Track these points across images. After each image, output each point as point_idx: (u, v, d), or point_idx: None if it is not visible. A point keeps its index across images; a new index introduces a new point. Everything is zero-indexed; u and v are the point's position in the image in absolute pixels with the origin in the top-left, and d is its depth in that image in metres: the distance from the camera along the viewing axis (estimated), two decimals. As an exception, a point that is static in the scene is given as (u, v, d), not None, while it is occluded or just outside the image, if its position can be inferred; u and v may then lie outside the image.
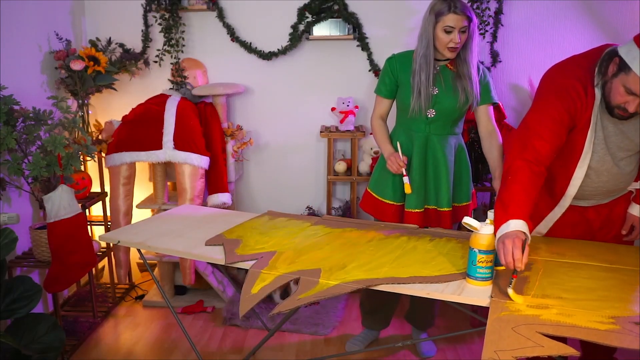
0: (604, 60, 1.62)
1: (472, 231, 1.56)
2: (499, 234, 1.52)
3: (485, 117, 2.23)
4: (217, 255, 1.78)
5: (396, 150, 2.20)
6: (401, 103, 2.24)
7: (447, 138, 2.21)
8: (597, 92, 1.66)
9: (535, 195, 1.62)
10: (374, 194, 2.32)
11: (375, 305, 2.45)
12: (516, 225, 1.51)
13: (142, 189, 3.25)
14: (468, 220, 1.54)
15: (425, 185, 2.22)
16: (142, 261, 2.48)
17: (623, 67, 1.52)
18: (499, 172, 2.17)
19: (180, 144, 2.76)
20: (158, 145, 2.75)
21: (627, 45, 1.53)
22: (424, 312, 2.48)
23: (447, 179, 2.20)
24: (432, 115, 2.16)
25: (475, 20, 2.08)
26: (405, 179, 2.16)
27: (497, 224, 1.54)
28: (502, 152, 2.19)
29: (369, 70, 3.14)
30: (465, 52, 2.12)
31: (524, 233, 1.50)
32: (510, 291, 1.45)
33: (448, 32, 2.04)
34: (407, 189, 2.16)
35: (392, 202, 2.26)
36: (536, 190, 1.63)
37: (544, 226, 1.95)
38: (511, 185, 1.61)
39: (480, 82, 2.17)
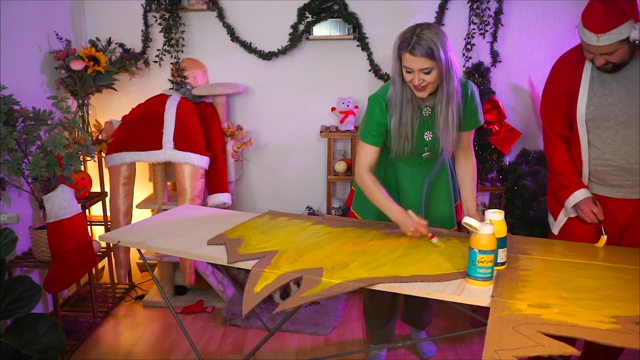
0: None
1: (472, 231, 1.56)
2: (569, 206, 1.94)
3: (466, 140, 2.03)
4: (218, 254, 1.78)
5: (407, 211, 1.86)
6: (387, 145, 2.00)
7: (441, 160, 2.10)
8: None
9: (569, 161, 1.97)
10: (358, 216, 2.18)
11: (380, 314, 2.35)
12: (575, 196, 1.92)
13: (142, 189, 3.25)
14: (468, 220, 1.54)
15: (428, 216, 2.10)
16: (142, 261, 2.48)
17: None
18: (471, 202, 2.03)
19: (180, 144, 2.76)
20: (158, 145, 2.75)
21: None
22: (419, 310, 2.47)
23: (449, 202, 2.13)
24: (426, 156, 2.00)
25: (446, 57, 1.73)
26: (435, 240, 1.82)
27: (562, 199, 1.97)
28: (473, 172, 2.06)
29: (369, 70, 3.14)
30: (441, 95, 1.82)
31: (591, 198, 1.91)
32: (604, 236, 1.86)
33: (409, 72, 1.77)
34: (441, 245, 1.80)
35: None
36: (567, 157, 1.97)
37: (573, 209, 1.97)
38: (552, 162, 2.00)
39: (468, 107, 1.93)
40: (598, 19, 1.68)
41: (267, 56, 3.15)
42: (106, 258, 3.03)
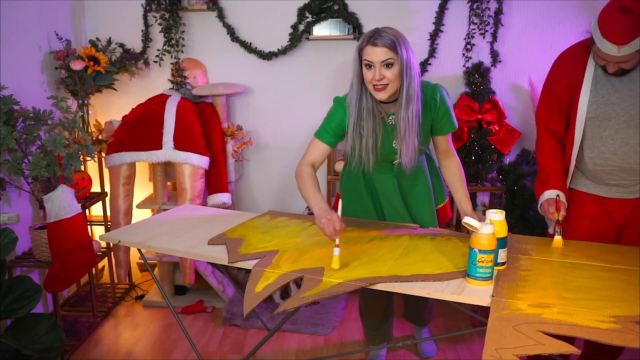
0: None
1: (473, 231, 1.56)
2: (539, 204, 1.98)
3: (445, 144, 2.01)
4: (219, 254, 1.78)
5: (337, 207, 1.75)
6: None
7: (418, 162, 2.02)
8: (591, 56, 1.85)
9: (553, 159, 1.96)
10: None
11: (375, 315, 2.35)
12: (543, 196, 1.94)
13: (142, 189, 3.25)
14: (468, 220, 1.54)
15: (411, 217, 2.08)
16: (142, 261, 2.48)
17: (593, 38, 1.77)
18: (466, 203, 2.00)
19: (180, 144, 2.76)
20: (158, 145, 2.75)
21: (594, 20, 1.78)
22: (418, 307, 2.45)
23: (430, 203, 2.09)
24: (397, 162, 1.93)
25: (407, 55, 1.73)
26: (336, 251, 1.62)
27: (537, 196, 1.99)
28: (460, 173, 2.04)
29: (369, 70, 3.14)
30: (400, 99, 1.77)
31: (554, 198, 1.90)
32: (557, 237, 1.84)
33: (369, 68, 1.75)
34: (335, 264, 1.61)
35: None
36: (553, 155, 1.97)
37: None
38: (537, 158, 2.03)
39: (439, 111, 1.90)
40: (621, 30, 1.65)
41: (267, 56, 3.15)
42: (106, 258, 3.03)
